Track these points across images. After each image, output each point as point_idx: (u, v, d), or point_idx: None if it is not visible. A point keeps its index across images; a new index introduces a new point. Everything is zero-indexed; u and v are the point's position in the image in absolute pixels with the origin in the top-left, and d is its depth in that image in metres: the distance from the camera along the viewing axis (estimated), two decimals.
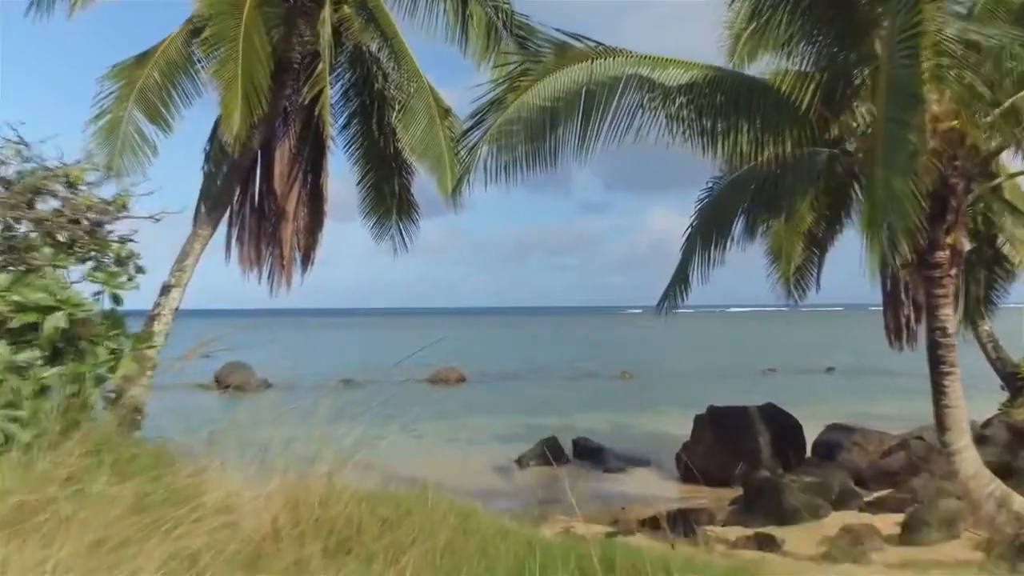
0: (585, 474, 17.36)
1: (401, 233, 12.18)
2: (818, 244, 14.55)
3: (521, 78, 8.11)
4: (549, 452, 18.39)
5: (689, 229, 10.80)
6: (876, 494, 12.42)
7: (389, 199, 11.92)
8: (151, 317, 9.21)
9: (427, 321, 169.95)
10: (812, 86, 7.87)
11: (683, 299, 10.60)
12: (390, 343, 79.30)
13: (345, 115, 11.95)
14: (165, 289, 9.32)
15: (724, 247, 9.90)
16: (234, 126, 9.03)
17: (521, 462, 18.03)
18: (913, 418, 22.46)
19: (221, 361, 40.42)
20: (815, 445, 17.23)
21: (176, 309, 9.31)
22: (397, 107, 11.24)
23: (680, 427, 22.83)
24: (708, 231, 10.20)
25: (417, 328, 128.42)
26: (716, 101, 7.88)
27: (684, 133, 7.92)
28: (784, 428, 16.49)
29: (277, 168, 11.01)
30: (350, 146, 12.01)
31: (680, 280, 10.59)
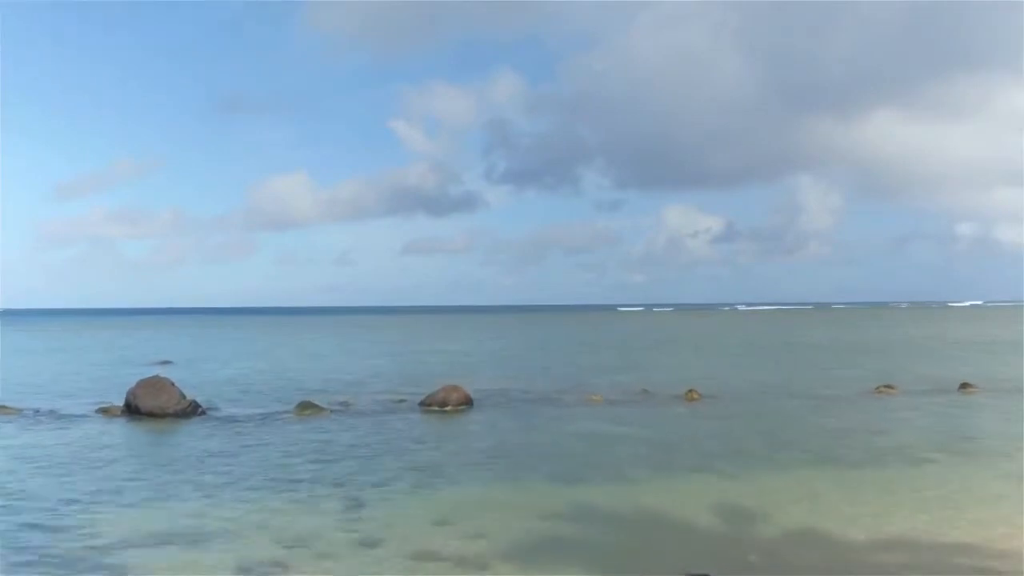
0: None
1: None
2: None
3: None
4: None
5: None
6: None
7: None
8: None
9: (447, 320, 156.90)
10: None
11: None
12: (393, 347, 67.39)
13: None
14: None
15: None
16: None
17: None
18: None
19: (136, 376, 29.47)
20: None
21: None
22: None
23: (837, 517, 12.23)
24: None
25: (433, 327, 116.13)
26: None
27: None
28: None
29: None
30: None
31: None
